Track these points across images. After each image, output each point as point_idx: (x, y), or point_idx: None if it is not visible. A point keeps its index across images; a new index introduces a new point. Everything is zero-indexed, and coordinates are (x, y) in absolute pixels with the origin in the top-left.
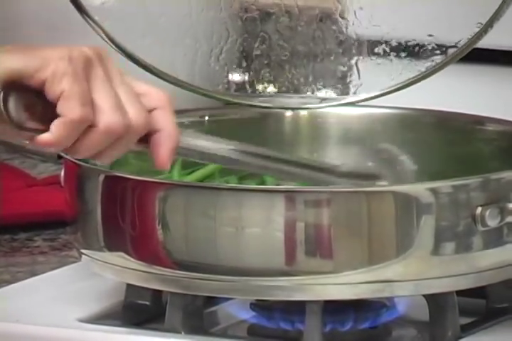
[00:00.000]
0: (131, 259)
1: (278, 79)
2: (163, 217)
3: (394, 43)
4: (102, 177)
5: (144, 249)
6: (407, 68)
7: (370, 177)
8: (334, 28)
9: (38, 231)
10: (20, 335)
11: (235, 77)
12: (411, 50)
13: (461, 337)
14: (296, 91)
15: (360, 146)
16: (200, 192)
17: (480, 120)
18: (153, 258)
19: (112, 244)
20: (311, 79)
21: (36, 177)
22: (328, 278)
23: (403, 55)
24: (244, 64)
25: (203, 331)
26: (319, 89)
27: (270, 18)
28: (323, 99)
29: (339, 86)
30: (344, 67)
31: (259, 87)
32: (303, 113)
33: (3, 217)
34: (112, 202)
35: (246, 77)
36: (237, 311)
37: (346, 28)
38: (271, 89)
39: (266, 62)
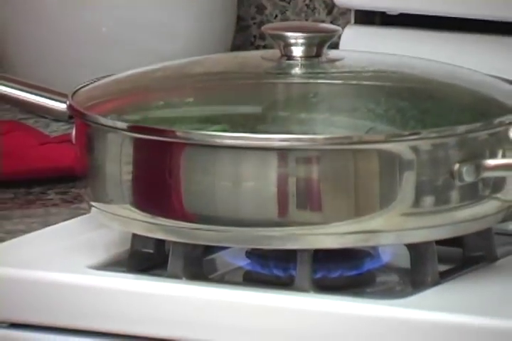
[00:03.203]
0: (137, 211)
1: None
2: (166, 173)
3: None
4: (109, 135)
5: (149, 201)
6: None
7: None
8: None
9: (51, 185)
10: (34, 281)
11: None
12: None
13: (439, 283)
14: None
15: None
16: (201, 150)
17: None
18: (157, 210)
19: (119, 197)
20: None
21: (49, 136)
22: (318, 229)
23: None
24: None
25: (203, 277)
26: None
27: None
28: None
29: None
30: None
31: None
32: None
33: (19, 172)
34: (118, 159)
35: None
36: (233, 259)
37: None
38: None
39: None
